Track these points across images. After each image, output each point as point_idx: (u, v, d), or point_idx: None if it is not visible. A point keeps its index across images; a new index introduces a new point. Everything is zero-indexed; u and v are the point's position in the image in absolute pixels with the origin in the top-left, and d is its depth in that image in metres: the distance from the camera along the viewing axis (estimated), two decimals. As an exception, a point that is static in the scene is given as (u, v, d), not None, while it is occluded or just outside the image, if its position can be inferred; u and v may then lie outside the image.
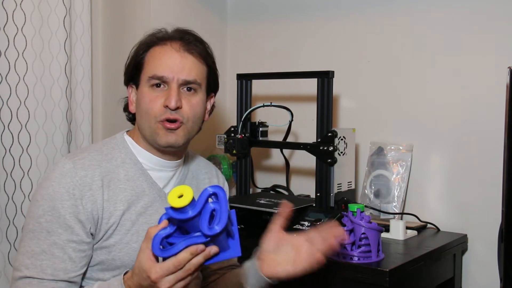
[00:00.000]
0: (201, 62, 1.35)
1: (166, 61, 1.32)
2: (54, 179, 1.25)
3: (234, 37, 2.50)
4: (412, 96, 2.04)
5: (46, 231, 1.23)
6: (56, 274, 1.22)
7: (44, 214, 1.23)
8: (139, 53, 1.37)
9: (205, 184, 1.50)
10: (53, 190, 1.24)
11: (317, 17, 2.25)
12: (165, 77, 1.30)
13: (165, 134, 1.31)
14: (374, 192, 2.02)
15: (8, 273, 1.90)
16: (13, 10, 1.87)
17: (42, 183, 1.28)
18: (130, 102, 1.40)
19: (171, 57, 1.32)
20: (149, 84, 1.32)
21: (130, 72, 1.39)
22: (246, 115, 1.97)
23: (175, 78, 1.31)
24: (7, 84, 1.87)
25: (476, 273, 1.91)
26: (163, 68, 1.31)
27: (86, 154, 1.31)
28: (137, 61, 1.36)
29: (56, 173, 1.26)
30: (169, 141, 1.31)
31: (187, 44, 1.34)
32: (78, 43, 2.08)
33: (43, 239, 1.23)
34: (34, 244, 1.23)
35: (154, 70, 1.31)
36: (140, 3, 2.19)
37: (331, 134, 1.76)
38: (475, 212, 1.91)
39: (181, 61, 1.32)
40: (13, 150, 1.90)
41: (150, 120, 1.31)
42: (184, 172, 1.46)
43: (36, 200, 1.26)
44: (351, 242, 1.53)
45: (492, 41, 1.87)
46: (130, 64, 1.40)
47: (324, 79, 1.78)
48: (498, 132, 1.45)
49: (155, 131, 1.31)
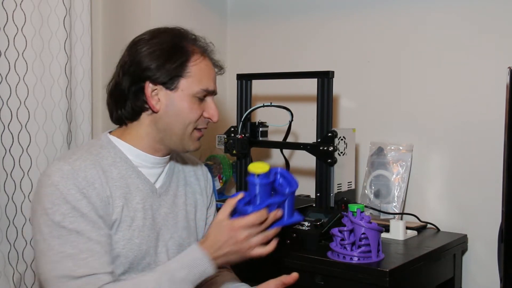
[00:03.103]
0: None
1: (212, 75, 1.41)
2: (57, 183, 1.24)
3: (234, 37, 2.50)
4: (412, 96, 2.04)
5: (75, 231, 1.22)
6: (104, 267, 1.23)
7: (65, 218, 1.22)
8: (181, 57, 1.35)
9: (191, 177, 1.55)
10: (61, 192, 1.23)
11: (317, 17, 2.25)
12: (214, 91, 1.41)
13: (196, 141, 1.42)
14: (374, 192, 2.02)
15: (8, 273, 1.90)
16: (13, 10, 1.87)
17: (42, 191, 1.25)
18: (150, 97, 1.34)
19: (213, 72, 1.42)
20: (198, 95, 1.37)
21: (165, 74, 1.34)
22: (246, 115, 1.97)
23: (214, 92, 1.42)
24: (7, 84, 1.87)
25: (476, 273, 1.91)
26: (212, 83, 1.40)
27: (78, 155, 1.30)
28: (180, 65, 1.34)
29: (57, 177, 1.25)
30: (197, 147, 1.44)
31: (215, 60, 1.45)
32: (78, 43, 2.08)
33: (76, 239, 1.22)
34: (68, 247, 1.21)
35: (208, 84, 1.38)
36: (140, 3, 2.19)
37: (331, 134, 1.76)
38: (475, 212, 1.91)
39: (215, 76, 1.44)
40: (13, 150, 1.90)
41: (188, 127, 1.38)
42: (171, 167, 1.49)
43: (46, 208, 1.23)
44: (351, 242, 1.53)
45: (492, 41, 1.87)
46: (166, 64, 1.34)
47: (324, 79, 1.78)
48: (498, 132, 1.45)
49: (189, 137, 1.39)
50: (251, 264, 1.47)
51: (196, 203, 1.54)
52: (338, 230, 1.55)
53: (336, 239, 1.56)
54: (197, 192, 1.55)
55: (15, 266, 1.92)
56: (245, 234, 1.24)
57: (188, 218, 1.48)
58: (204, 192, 1.57)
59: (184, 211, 1.47)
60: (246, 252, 1.26)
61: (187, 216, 1.48)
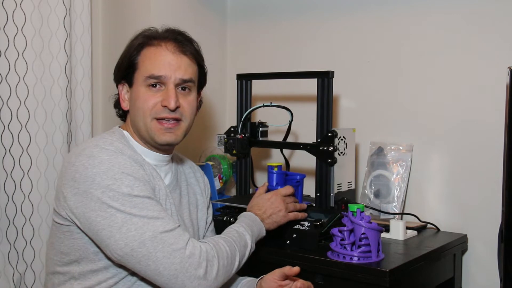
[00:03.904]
0: (193, 62, 1.42)
1: (163, 61, 1.36)
2: (109, 160, 1.26)
3: (234, 37, 2.50)
4: (412, 96, 2.04)
5: (147, 197, 1.26)
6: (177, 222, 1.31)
7: (133, 188, 1.25)
8: (132, 53, 1.40)
9: (191, 178, 1.59)
10: (118, 167, 1.25)
11: (317, 17, 2.25)
12: (163, 77, 1.35)
13: (163, 133, 1.37)
14: (374, 192, 2.02)
15: (8, 273, 1.90)
16: (13, 10, 1.87)
17: (90, 172, 1.25)
18: (121, 99, 1.44)
19: (167, 57, 1.37)
20: (146, 84, 1.36)
21: (122, 71, 1.42)
22: (246, 115, 1.97)
23: (173, 78, 1.36)
24: (7, 84, 1.87)
25: (476, 273, 1.91)
26: (160, 68, 1.35)
27: (108, 140, 1.33)
28: (130, 60, 1.39)
29: (105, 155, 1.27)
30: (167, 140, 1.38)
31: (182, 45, 1.39)
32: (78, 43, 2.08)
33: (150, 203, 1.26)
34: (147, 211, 1.24)
35: (151, 70, 1.35)
36: (140, 3, 2.19)
37: (331, 134, 1.76)
38: (475, 212, 1.91)
39: (177, 62, 1.37)
40: (13, 150, 1.90)
41: (145, 118, 1.36)
42: (175, 166, 1.52)
43: (108, 185, 1.23)
44: (351, 242, 1.53)
45: (492, 41, 1.87)
46: (122, 63, 1.43)
47: (324, 79, 1.78)
48: (498, 132, 1.45)
49: (151, 129, 1.37)
50: (252, 265, 1.48)
51: (197, 203, 1.57)
52: (338, 230, 1.55)
53: (336, 239, 1.56)
54: (197, 193, 1.58)
55: (15, 266, 1.92)
56: (281, 199, 1.58)
57: (191, 217, 1.51)
58: (204, 193, 1.61)
59: (188, 210, 1.50)
60: (285, 215, 1.57)
61: (190, 215, 1.51)
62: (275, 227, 1.56)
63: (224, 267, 1.30)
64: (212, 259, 1.27)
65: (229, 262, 1.32)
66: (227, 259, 1.32)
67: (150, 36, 1.41)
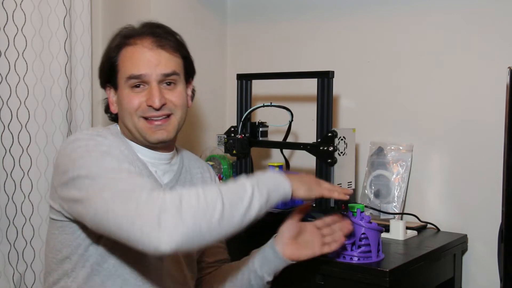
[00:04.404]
0: (175, 55, 1.36)
1: (141, 59, 1.32)
2: (95, 136, 1.24)
3: (234, 37, 2.50)
4: (412, 96, 2.04)
5: (117, 158, 1.20)
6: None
7: (110, 149, 1.22)
8: (111, 55, 1.36)
9: (198, 179, 1.53)
10: (103, 139, 1.24)
11: (317, 17, 2.25)
12: (143, 75, 1.31)
13: (154, 131, 1.33)
14: (374, 192, 2.02)
15: (8, 273, 1.90)
16: (13, 10, 1.87)
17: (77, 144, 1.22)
18: (110, 103, 1.41)
19: (145, 55, 1.32)
20: (128, 85, 1.33)
21: (105, 75, 1.39)
22: (246, 115, 1.97)
23: (153, 75, 1.31)
24: (7, 84, 1.87)
25: (476, 273, 1.91)
26: (139, 67, 1.31)
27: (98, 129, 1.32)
28: (110, 63, 1.36)
29: (93, 132, 1.26)
30: (159, 137, 1.34)
31: (159, 40, 1.34)
32: (78, 43, 2.08)
33: (117, 160, 1.20)
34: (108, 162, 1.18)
35: (131, 70, 1.32)
36: (140, 3, 2.19)
37: (331, 134, 1.76)
38: (475, 212, 1.91)
39: (156, 58, 1.32)
40: (13, 150, 1.90)
41: (133, 117, 1.33)
42: (179, 165, 1.48)
43: (89, 146, 1.21)
44: (351, 242, 1.53)
45: (492, 41, 1.87)
46: (103, 67, 1.40)
47: (324, 79, 1.78)
48: (498, 132, 1.45)
49: (141, 129, 1.33)
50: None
51: None
52: (338, 230, 1.55)
53: (336, 239, 1.56)
54: None
55: (15, 266, 1.91)
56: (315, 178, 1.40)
57: None
58: None
59: None
60: (319, 187, 1.35)
61: None
62: (304, 190, 1.31)
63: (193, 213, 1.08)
64: (170, 206, 1.07)
65: (203, 209, 1.10)
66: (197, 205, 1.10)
67: (126, 35, 1.37)
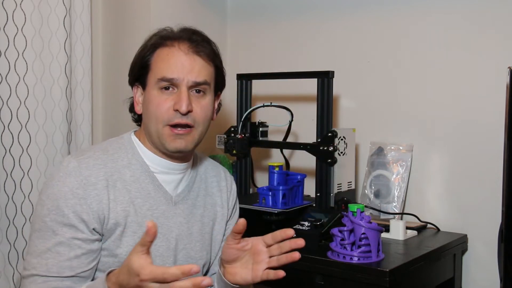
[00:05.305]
0: (209, 64, 1.34)
1: (175, 62, 1.29)
2: (58, 179, 1.26)
3: (234, 37, 2.50)
4: (412, 96, 2.04)
5: (51, 230, 1.23)
6: (62, 272, 1.22)
7: (49, 213, 1.24)
8: (146, 54, 1.34)
9: (214, 187, 1.49)
10: (58, 189, 1.24)
11: (317, 17, 2.25)
12: (175, 79, 1.29)
13: (174, 139, 1.30)
14: (374, 192, 2.02)
15: (8, 273, 1.90)
16: (13, 10, 1.87)
17: (47, 182, 1.29)
18: (135, 102, 1.38)
19: (180, 58, 1.30)
20: (158, 86, 1.30)
21: (136, 73, 1.36)
22: (246, 115, 1.97)
23: (185, 80, 1.29)
24: (7, 84, 1.87)
25: (476, 273, 1.91)
26: (172, 70, 1.29)
27: (91, 153, 1.30)
28: (143, 62, 1.34)
29: (61, 172, 1.26)
30: (178, 146, 1.31)
31: (196, 46, 1.32)
32: (78, 43, 2.08)
33: (49, 238, 1.23)
34: (40, 243, 1.24)
35: (163, 72, 1.29)
36: (140, 3, 2.19)
37: (331, 134, 1.76)
38: (475, 212, 1.91)
39: (190, 63, 1.30)
40: (13, 150, 1.90)
41: (158, 124, 1.30)
42: (193, 174, 1.44)
43: (41, 199, 1.27)
44: (351, 242, 1.53)
45: (492, 41, 1.87)
46: (135, 64, 1.37)
47: (324, 79, 1.78)
48: (498, 132, 1.45)
49: (163, 136, 1.30)
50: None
51: (216, 216, 1.47)
52: (338, 230, 1.55)
53: (336, 239, 1.56)
54: (217, 204, 1.48)
55: (15, 266, 1.92)
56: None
57: (203, 231, 1.43)
58: (225, 204, 1.50)
59: (200, 223, 1.42)
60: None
61: (202, 228, 1.43)
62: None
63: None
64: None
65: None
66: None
67: (164, 36, 1.34)
